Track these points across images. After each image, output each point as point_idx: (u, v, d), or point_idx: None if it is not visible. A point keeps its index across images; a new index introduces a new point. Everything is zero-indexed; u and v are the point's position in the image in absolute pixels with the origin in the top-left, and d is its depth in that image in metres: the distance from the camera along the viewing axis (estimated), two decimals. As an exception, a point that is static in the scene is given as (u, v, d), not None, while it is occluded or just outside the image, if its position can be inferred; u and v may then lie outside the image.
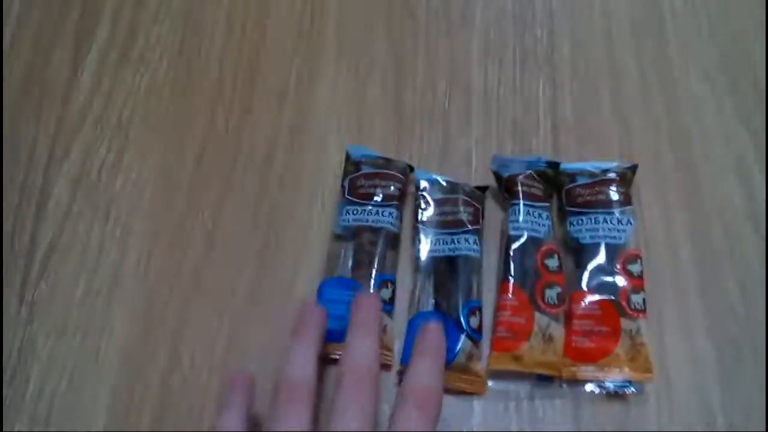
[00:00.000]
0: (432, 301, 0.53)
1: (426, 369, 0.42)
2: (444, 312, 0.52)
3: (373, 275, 0.53)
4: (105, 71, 0.65)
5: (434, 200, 0.57)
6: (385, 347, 0.52)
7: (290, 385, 0.41)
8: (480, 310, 0.53)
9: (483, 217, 0.57)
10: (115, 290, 0.56)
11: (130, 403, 0.52)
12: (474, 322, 0.52)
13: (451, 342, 0.51)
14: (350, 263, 0.54)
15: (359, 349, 0.40)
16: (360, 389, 0.39)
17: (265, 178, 0.60)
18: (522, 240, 0.54)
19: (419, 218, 0.56)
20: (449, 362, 0.50)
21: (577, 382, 0.51)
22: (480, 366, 0.52)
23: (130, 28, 0.67)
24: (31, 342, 0.54)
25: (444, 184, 0.58)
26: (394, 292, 0.54)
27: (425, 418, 0.39)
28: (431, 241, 0.55)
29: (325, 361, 0.50)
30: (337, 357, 0.51)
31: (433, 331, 0.45)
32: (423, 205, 0.57)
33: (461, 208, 0.56)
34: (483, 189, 0.58)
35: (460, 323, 0.51)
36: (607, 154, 0.60)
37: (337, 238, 0.56)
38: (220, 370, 0.53)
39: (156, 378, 0.53)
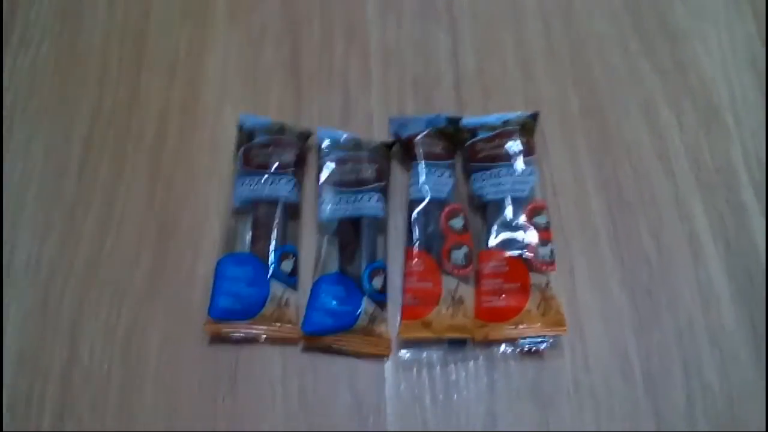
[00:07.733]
0: (336, 263, 0.51)
1: None
2: (348, 275, 0.50)
3: (272, 248, 0.51)
4: (-17, 56, 0.61)
5: (337, 159, 0.54)
6: (288, 321, 0.50)
7: None
8: (384, 270, 0.51)
9: (389, 175, 0.55)
10: (6, 289, 0.53)
11: (30, 403, 0.49)
12: (377, 282, 0.50)
13: (352, 304, 0.49)
14: (248, 238, 0.52)
15: None
16: None
17: (158, 157, 0.57)
18: (424, 203, 0.51)
19: (321, 178, 0.54)
20: (351, 325, 0.49)
21: (491, 343, 0.49)
22: (384, 327, 0.50)
23: (8, 10, 0.63)
24: None
25: (347, 141, 0.55)
26: (296, 263, 0.52)
27: None
28: (334, 201, 0.53)
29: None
30: (236, 337, 0.49)
31: None
32: (326, 164, 0.54)
33: (365, 166, 0.54)
34: (389, 145, 0.56)
35: (362, 285, 0.50)
36: (512, 104, 0.58)
37: (236, 212, 0.53)
38: (121, 362, 0.50)
39: (55, 375, 0.50)
